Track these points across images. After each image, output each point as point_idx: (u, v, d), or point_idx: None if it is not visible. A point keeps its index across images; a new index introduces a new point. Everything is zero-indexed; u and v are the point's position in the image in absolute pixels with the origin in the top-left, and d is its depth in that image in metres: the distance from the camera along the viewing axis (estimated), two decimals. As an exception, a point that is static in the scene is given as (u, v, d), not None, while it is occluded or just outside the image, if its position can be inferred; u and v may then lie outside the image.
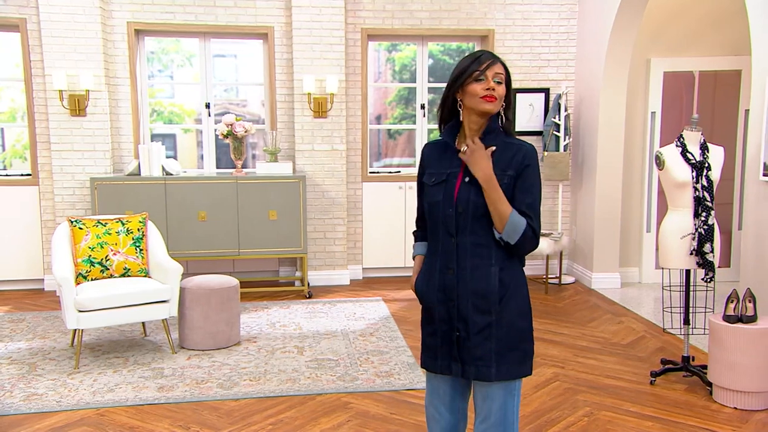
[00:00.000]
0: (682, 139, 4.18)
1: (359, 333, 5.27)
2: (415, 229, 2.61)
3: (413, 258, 2.60)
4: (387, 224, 7.10)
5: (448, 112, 2.38)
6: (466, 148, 2.28)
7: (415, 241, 2.60)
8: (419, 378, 4.31)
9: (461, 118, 2.35)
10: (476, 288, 2.27)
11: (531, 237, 2.24)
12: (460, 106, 2.32)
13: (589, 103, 6.83)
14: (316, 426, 3.68)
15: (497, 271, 2.26)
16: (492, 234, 2.26)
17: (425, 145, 2.47)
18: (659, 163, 4.20)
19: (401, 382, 4.26)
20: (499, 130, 2.33)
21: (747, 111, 6.78)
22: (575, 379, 4.35)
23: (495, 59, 2.28)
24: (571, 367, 4.57)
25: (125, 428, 3.66)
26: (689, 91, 7.38)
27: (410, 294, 6.49)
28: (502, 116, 2.33)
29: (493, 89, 2.24)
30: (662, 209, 7.01)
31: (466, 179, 2.28)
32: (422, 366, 2.47)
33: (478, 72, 2.24)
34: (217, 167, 7.06)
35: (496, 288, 2.26)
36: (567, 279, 7.06)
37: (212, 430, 3.63)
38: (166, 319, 4.83)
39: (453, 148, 2.36)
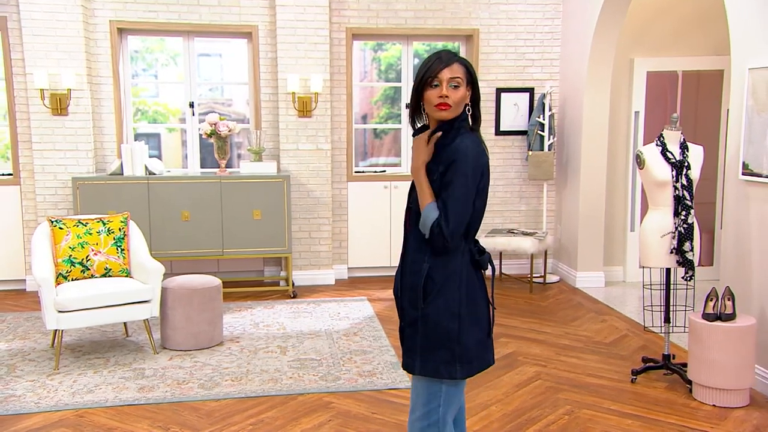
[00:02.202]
0: (662, 139, 4.20)
1: (343, 333, 5.26)
2: None
3: None
4: (372, 224, 7.09)
5: (414, 113, 2.39)
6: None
7: None
8: (402, 377, 4.31)
9: (426, 121, 2.38)
10: (410, 282, 2.33)
11: (437, 234, 2.20)
12: (423, 110, 2.34)
13: (573, 103, 6.85)
14: (296, 426, 3.67)
15: (427, 268, 2.28)
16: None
17: None
18: (640, 162, 4.21)
19: (384, 381, 4.26)
20: (460, 127, 2.29)
21: (729, 110, 6.81)
22: (557, 378, 4.36)
23: (451, 61, 2.25)
24: (553, 365, 4.58)
25: (104, 429, 3.63)
26: (673, 91, 7.41)
27: (395, 293, 6.48)
28: (468, 117, 2.32)
29: (447, 96, 2.23)
30: (646, 208, 7.03)
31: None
32: None
33: (431, 78, 2.24)
34: (202, 167, 7.02)
35: (422, 284, 2.28)
36: (552, 278, 7.08)
37: (192, 430, 3.61)
38: (147, 319, 4.80)
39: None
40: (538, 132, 6.87)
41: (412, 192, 2.36)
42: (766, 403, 3.95)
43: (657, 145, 4.19)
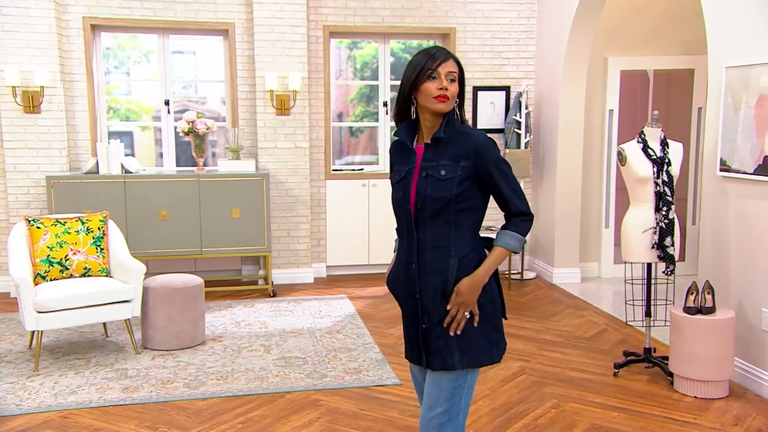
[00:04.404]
0: (643, 136, 4.27)
1: (326, 331, 5.25)
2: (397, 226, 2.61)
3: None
4: (351, 222, 7.09)
5: (402, 109, 2.36)
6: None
7: (396, 237, 2.60)
8: (388, 374, 4.32)
9: (414, 116, 2.35)
10: (437, 280, 2.29)
11: (526, 223, 2.34)
12: (413, 104, 2.32)
13: (549, 101, 6.93)
14: (286, 424, 3.66)
15: (456, 263, 2.28)
16: (451, 226, 2.28)
17: (392, 143, 2.47)
18: (621, 159, 4.28)
19: (370, 378, 4.27)
20: (455, 121, 2.34)
21: (700, 109, 6.97)
22: (541, 372, 4.41)
23: (448, 56, 2.28)
24: (536, 360, 4.64)
25: (90, 430, 3.58)
26: (644, 89, 7.54)
27: (375, 291, 6.50)
28: (457, 113, 2.35)
29: (446, 88, 2.25)
30: (620, 205, 7.15)
31: (423, 174, 2.29)
32: (405, 357, 2.50)
33: (431, 70, 2.25)
34: (176, 165, 6.94)
35: (455, 279, 2.27)
36: (528, 274, 7.15)
37: (181, 430, 3.58)
38: (128, 319, 4.74)
39: (411, 146, 2.36)
40: (515, 130, 6.94)
41: (421, 187, 2.28)
42: (744, 394, 4.05)
43: (638, 142, 4.26)
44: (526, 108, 6.95)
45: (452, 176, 2.26)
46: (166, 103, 6.85)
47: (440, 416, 2.32)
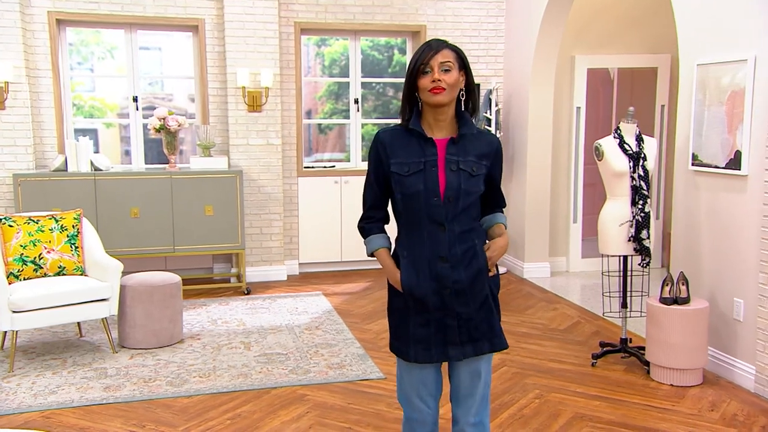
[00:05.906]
0: (619, 131, 4.38)
1: (305, 327, 5.25)
2: (365, 221, 2.51)
3: (371, 251, 2.49)
4: (323, 219, 7.08)
5: (408, 105, 2.36)
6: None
7: (369, 234, 2.49)
8: (372, 368, 4.34)
9: (420, 109, 2.35)
10: (471, 270, 2.32)
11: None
12: (417, 99, 2.33)
13: (518, 99, 7.03)
14: (275, 419, 3.65)
15: (481, 249, 2.36)
16: (471, 219, 2.36)
17: (381, 132, 2.39)
18: (598, 154, 4.38)
19: (354, 372, 4.28)
20: (468, 117, 2.36)
21: (663, 106, 7.16)
22: (521, 364, 4.49)
23: (440, 46, 2.27)
24: (515, 352, 4.72)
25: (75, 429, 3.52)
26: (607, 87, 7.72)
27: (350, 287, 6.51)
28: (462, 102, 2.34)
29: (440, 80, 2.23)
30: (588, 201, 7.31)
31: (453, 168, 2.28)
32: (414, 360, 2.37)
33: (423, 65, 2.25)
34: (144, 163, 6.84)
35: (485, 264, 2.36)
36: (499, 269, 7.23)
37: (169, 427, 3.55)
38: (105, 318, 4.67)
39: (421, 135, 2.31)
40: (485, 127, 7.02)
41: (453, 181, 2.27)
42: (717, 381, 4.19)
43: (614, 137, 4.37)
44: (496, 105, 7.03)
45: (480, 173, 2.34)
46: (135, 99, 6.74)
47: (482, 401, 2.43)
